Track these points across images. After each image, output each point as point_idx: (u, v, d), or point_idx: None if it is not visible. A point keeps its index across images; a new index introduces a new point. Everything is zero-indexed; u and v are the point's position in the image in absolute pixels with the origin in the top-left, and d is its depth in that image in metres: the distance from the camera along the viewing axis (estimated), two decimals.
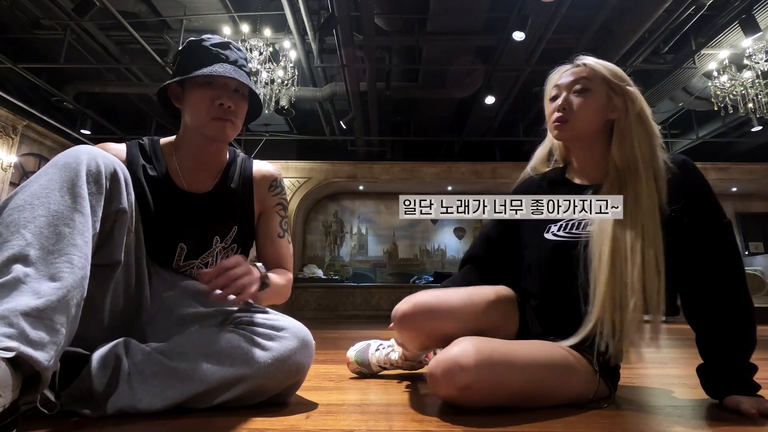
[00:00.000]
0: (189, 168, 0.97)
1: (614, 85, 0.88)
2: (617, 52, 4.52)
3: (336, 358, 1.75)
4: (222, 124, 0.91)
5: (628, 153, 0.85)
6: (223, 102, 0.89)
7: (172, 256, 0.95)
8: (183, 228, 0.94)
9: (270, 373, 0.78)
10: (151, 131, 6.71)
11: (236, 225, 0.99)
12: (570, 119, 0.89)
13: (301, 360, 0.83)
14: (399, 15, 4.58)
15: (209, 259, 0.98)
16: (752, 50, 4.25)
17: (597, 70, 0.90)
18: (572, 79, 0.90)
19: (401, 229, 8.09)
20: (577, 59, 0.95)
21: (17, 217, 0.64)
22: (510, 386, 0.77)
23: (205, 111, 0.90)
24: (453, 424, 0.73)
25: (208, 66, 0.89)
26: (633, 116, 0.86)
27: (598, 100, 0.88)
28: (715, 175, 7.32)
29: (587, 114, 0.88)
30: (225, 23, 4.57)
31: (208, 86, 0.90)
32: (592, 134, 0.90)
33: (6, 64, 4.68)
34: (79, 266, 0.65)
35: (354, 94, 5.38)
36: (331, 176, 7.47)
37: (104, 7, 4.08)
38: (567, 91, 0.90)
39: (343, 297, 7.12)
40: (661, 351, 2.32)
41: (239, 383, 0.77)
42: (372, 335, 1.39)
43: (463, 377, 0.73)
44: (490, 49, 4.98)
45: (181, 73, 0.91)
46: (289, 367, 0.81)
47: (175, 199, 0.94)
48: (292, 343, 0.82)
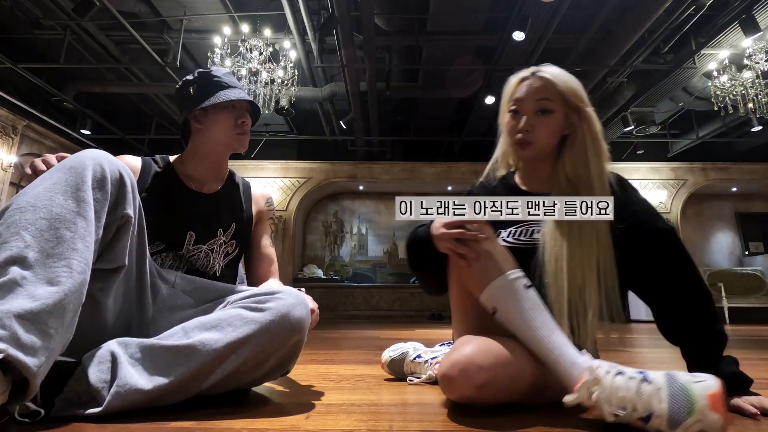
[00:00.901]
0: (199, 176, 1.14)
1: (572, 105, 0.92)
2: (617, 52, 4.52)
3: (336, 358, 1.76)
4: (243, 137, 1.14)
5: (581, 169, 0.91)
6: (244, 120, 1.12)
7: (183, 242, 1.06)
8: (193, 219, 1.08)
9: (273, 328, 0.80)
10: (151, 131, 6.71)
11: (235, 222, 1.14)
12: (533, 141, 0.93)
13: (301, 314, 0.85)
14: (399, 15, 4.58)
15: (215, 246, 1.11)
16: (752, 50, 4.25)
17: (558, 88, 0.92)
18: (535, 98, 0.92)
19: (401, 229, 8.09)
20: (538, 70, 0.95)
21: (18, 219, 0.64)
22: (524, 381, 0.78)
23: (231, 128, 1.11)
24: (453, 423, 0.74)
25: (224, 92, 1.10)
26: (588, 135, 0.91)
27: (559, 121, 0.93)
28: (715, 175, 7.34)
29: (549, 134, 0.93)
30: (225, 23, 4.57)
31: (232, 108, 1.11)
32: (550, 150, 0.96)
33: (6, 64, 4.68)
34: (78, 271, 0.65)
35: (354, 94, 5.38)
36: (331, 176, 7.47)
37: (104, 7, 4.08)
38: (530, 113, 0.93)
39: (343, 297, 7.13)
40: (662, 351, 2.32)
41: (245, 344, 0.78)
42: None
43: (481, 376, 0.74)
44: (490, 49, 4.98)
45: (201, 100, 1.09)
46: (291, 322, 0.82)
47: (187, 198, 1.10)
48: (289, 300, 0.85)
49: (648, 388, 0.64)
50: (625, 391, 0.65)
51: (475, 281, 0.82)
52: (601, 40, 4.68)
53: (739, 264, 7.67)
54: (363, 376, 1.27)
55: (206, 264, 1.09)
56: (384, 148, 7.48)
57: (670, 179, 7.37)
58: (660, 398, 0.63)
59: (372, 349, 2.05)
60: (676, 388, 0.63)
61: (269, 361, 0.83)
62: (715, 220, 7.99)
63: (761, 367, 1.57)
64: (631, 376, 0.67)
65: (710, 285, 6.69)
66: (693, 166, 7.35)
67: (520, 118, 0.94)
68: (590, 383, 0.67)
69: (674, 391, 0.63)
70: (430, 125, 7.07)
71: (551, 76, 0.93)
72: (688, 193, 7.32)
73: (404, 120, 7.10)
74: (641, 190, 7.69)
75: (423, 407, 0.87)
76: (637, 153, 7.42)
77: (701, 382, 0.63)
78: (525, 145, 0.93)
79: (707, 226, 7.96)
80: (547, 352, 0.74)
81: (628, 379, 0.66)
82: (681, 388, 0.63)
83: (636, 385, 0.65)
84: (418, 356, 1.20)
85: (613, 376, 0.67)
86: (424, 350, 1.22)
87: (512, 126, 0.95)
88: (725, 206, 8.02)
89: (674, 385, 0.64)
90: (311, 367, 1.48)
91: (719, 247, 7.88)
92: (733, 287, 6.62)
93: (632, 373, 0.67)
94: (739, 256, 7.81)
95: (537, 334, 0.76)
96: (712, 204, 7.98)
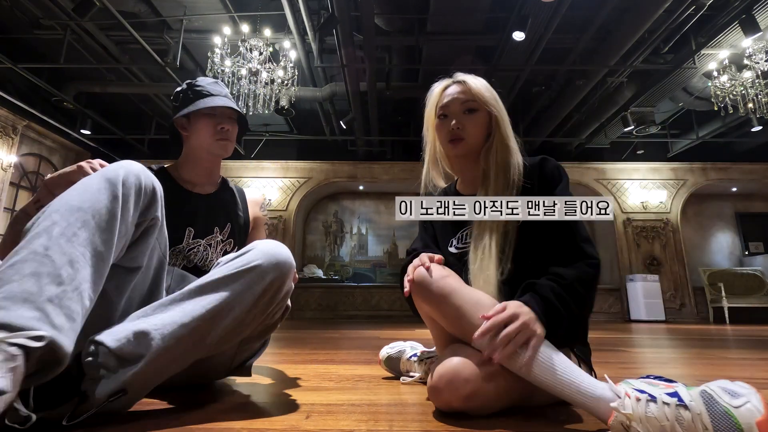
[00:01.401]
0: (193, 179, 1.20)
1: (491, 106, 0.99)
2: (617, 52, 4.53)
3: (336, 358, 1.76)
4: (224, 143, 1.17)
5: (491, 162, 0.98)
6: (224, 126, 1.16)
7: (183, 236, 1.12)
8: (192, 216, 1.14)
9: (268, 253, 0.83)
10: (151, 131, 6.71)
11: (230, 223, 1.19)
12: (464, 137, 0.99)
13: (286, 252, 0.87)
14: (399, 15, 4.59)
15: (212, 241, 1.15)
16: (752, 50, 4.25)
17: (478, 90, 1.00)
18: (461, 99, 1.00)
19: (401, 229, 8.09)
20: (456, 76, 1.04)
21: (56, 205, 0.68)
22: (513, 391, 0.78)
23: (210, 134, 1.16)
24: (453, 425, 0.74)
25: (204, 100, 1.15)
26: (502, 132, 0.99)
27: (484, 118, 1.00)
28: (715, 175, 7.34)
29: (477, 131, 1.00)
30: (225, 23, 4.57)
31: (212, 116, 1.16)
32: (480, 148, 1.01)
33: (6, 64, 4.68)
34: (93, 266, 0.66)
35: (354, 94, 5.39)
36: (331, 176, 7.48)
37: (104, 7, 4.08)
38: (458, 113, 1.00)
39: (343, 297, 7.13)
40: (662, 351, 2.32)
41: (248, 273, 0.80)
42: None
43: (467, 387, 0.74)
44: (490, 49, 4.98)
45: (182, 108, 1.15)
46: (282, 253, 0.85)
47: (186, 199, 1.16)
48: (270, 244, 0.88)
49: (687, 415, 0.60)
50: (661, 421, 0.61)
51: (461, 335, 0.82)
52: (601, 40, 4.68)
53: (739, 264, 7.67)
54: (363, 376, 1.26)
55: (204, 258, 1.13)
56: (384, 148, 7.48)
57: (670, 179, 7.38)
58: (702, 425, 0.59)
59: (372, 349, 2.05)
60: (717, 413, 0.59)
61: (270, 289, 0.83)
62: (715, 220, 7.99)
63: (761, 367, 1.57)
64: (665, 401, 0.62)
65: (710, 285, 6.70)
66: (693, 166, 7.35)
67: (449, 121, 1.01)
68: (622, 418, 0.63)
69: (716, 416, 0.58)
70: None
71: (469, 82, 1.01)
72: (688, 193, 7.32)
73: (404, 120, 7.10)
74: (641, 190, 7.69)
75: (423, 407, 0.87)
76: (637, 153, 7.42)
77: (744, 405, 0.58)
78: (457, 142, 0.99)
79: (707, 226, 7.96)
80: (560, 390, 0.70)
81: (662, 405, 0.62)
82: (723, 414, 0.58)
83: (672, 413, 0.61)
84: (414, 355, 1.22)
85: (645, 405, 0.62)
86: (421, 350, 1.23)
87: (443, 128, 1.02)
88: (725, 206, 8.02)
89: (715, 409, 0.59)
90: (311, 367, 1.48)
91: (719, 247, 7.88)
92: (733, 287, 6.62)
93: (664, 397, 0.63)
94: (739, 256, 7.81)
95: (543, 373, 0.72)
96: (712, 204, 7.98)
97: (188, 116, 1.18)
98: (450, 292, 0.82)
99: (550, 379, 0.71)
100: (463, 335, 0.80)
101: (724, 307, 6.37)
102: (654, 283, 6.58)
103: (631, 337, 3.28)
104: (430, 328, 0.96)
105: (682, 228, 7.25)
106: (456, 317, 0.80)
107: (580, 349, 0.90)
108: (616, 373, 1.38)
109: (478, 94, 0.99)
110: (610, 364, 1.66)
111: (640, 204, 7.26)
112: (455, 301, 0.81)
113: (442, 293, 0.82)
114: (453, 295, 0.82)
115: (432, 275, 0.85)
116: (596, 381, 0.70)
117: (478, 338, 0.76)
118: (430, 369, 1.08)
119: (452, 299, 0.81)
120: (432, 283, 0.84)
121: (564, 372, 0.71)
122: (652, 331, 4.22)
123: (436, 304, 0.83)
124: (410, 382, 1.16)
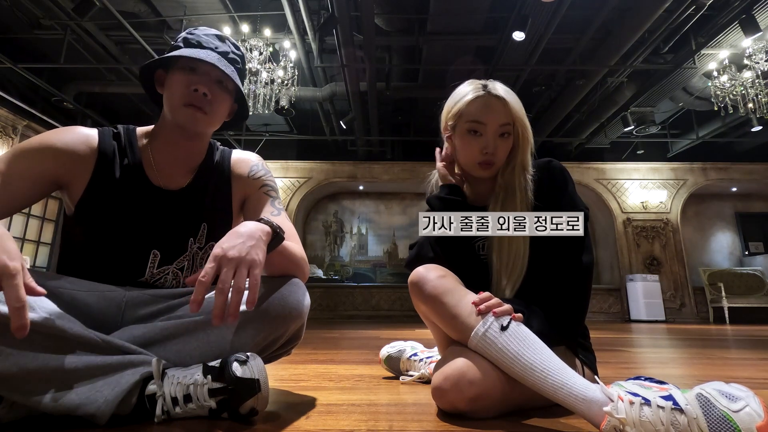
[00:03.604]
0: (164, 162, 0.89)
1: (525, 129, 0.97)
2: (617, 52, 4.53)
3: (336, 358, 1.75)
4: (193, 112, 0.83)
5: (508, 178, 0.97)
6: (198, 88, 0.82)
7: (145, 265, 0.85)
8: (155, 230, 0.85)
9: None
10: None
11: (205, 222, 0.91)
12: (495, 162, 0.97)
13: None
14: (399, 15, 4.59)
15: (185, 262, 0.89)
16: (752, 50, 4.25)
17: (515, 111, 0.95)
18: (498, 123, 0.94)
19: (401, 229, 8.09)
20: (493, 88, 0.96)
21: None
22: (517, 394, 0.77)
23: (179, 95, 0.82)
24: (453, 424, 0.74)
25: (185, 49, 0.84)
26: (524, 152, 0.97)
27: (513, 140, 0.98)
28: (715, 175, 7.34)
29: (505, 155, 0.98)
30: (225, 23, 4.57)
31: (190, 71, 0.83)
32: (501, 167, 1.00)
33: (6, 64, 4.69)
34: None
35: (354, 94, 5.39)
36: (331, 176, 7.48)
37: (104, 7, 4.08)
38: (493, 136, 0.95)
39: (343, 297, 7.13)
40: (662, 351, 2.32)
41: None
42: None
43: (472, 390, 0.74)
44: (490, 49, 4.98)
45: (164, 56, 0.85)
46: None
47: (146, 195, 0.86)
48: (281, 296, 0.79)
49: (682, 419, 0.58)
50: (656, 425, 0.58)
51: (457, 336, 0.82)
52: (601, 40, 4.68)
53: (739, 264, 7.67)
54: (363, 376, 1.26)
55: (174, 285, 0.89)
56: (384, 148, 7.48)
57: (670, 179, 7.38)
58: (699, 430, 0.56)
59: (372, 349, 2.05)
60: (715, 417, 0.56)
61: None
62: (715, 220, 7.99)
63: (761, 367, 1.57)
64: (659, 404, 0.60)
65: (710, 285, 6.70)
66: (693, 166, 7.35)
67: (482, 140, 0.95)
68: (616, 422, 0.61)
69: (714, 421, 0.56)
70: (430, 125, 7.07)
71: (507, 99, 0.94)
72: (688, 193, 7.32)
73: (404, 120, 7.11)
74: (641, 190, 7.68)
75: (423, 407, 0.87)
76: (637, 153, 7.42)
77: (743, 409, 0.56)
78: (487, 166, 0.97)
79: (707, 226, 7.96)
80: (552, 392, 0.68)
81: (657, 408, 0.59)
82: (722, 418, 0.56)
83: (667, 417, 0.58)
84: (414, 354, 1.21)
85: (639, 409, 0.60)
86: (421, 350, 1.24)
87: (474, 145, 0.96)
88: (725, 206, 8.02)
89: (712, 413, 0.57)
90: (311, 367, 1.48)
91: (719, 247, 7.88)
92: (733, 287, 6.62)
93: (659, 400, 0.60)
94: (739, 256, 7.81)
95: (533, 375, 0.70)
96: (712, 204, 7.98)
97: (167, 70, 0.86)
98: (445, 291, 0.82)
99: (541, 382, 0.70)
100: (458, 336, 0.80)
101: (724, 307, 6.37)
102: (654, 283, 6.58)
103: (631, 337, 3.28)
104: (430, 328, 0.96)
105: (682, 228, 7.25)
106: (451, 317, 0.80)
107: (585, 356, 0.89)
108: (616, 373, 1.38)
109: (516, 116, 0.95)
110: (610, 364, 1.66)
111: (640, 204, 7.26)
112: (450, 300, 0.81)
113: (437, 292, 0.82)
114: (448, 294, 0.82)
115: (429, 275, 0.84)
116: (589, 383, 0.67)
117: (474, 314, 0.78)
118: (431, 369, 1.09)
119: (447, 298, 0.81)
120: (427, 282, 0.84)
121: (557, 373, 0.69)
122: (652, 331, 4.22)
123: (432, 303, 0.83)
124: (410, 381, 1.16)
